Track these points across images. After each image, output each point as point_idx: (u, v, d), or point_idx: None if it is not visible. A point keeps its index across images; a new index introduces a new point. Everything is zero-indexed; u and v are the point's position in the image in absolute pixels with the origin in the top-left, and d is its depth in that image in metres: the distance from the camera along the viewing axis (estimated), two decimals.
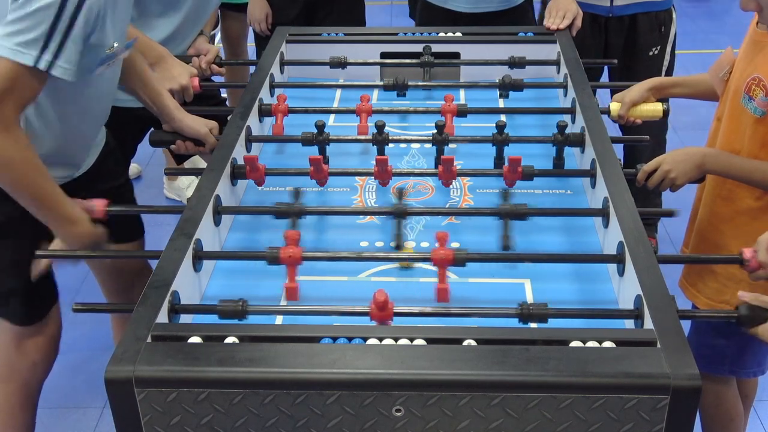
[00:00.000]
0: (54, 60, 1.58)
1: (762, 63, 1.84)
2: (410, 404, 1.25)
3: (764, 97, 1.81)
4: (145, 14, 2.36)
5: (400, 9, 5.88)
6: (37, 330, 2.04)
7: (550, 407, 1.25)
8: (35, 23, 1.55)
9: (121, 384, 1.26)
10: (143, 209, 2.19)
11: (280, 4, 3.33)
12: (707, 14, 3.26)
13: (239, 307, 1.46)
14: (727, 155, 1.92)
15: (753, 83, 1.85)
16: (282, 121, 2.18)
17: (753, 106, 1.85)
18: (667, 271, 1.50)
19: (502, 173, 1.88)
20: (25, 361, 2.06)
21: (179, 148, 2.15)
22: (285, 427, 1.28)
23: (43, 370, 2.11)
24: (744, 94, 1.87)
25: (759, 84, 1.83)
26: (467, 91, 2.48)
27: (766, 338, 1.41)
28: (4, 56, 1.56)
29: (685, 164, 1.91)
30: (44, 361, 2.10)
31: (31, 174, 1.68)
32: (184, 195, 3.72)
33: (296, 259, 1.56)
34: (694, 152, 1.93)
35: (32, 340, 2.05)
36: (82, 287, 3.10)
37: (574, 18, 2.63)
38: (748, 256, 1.55)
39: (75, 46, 1.61)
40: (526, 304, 1.45)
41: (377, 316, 1.44)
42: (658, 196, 3.27)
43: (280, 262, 1.57)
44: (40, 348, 2.07)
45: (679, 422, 1.24)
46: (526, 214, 1.72)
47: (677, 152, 1.95)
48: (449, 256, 1.55)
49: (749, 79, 1.86)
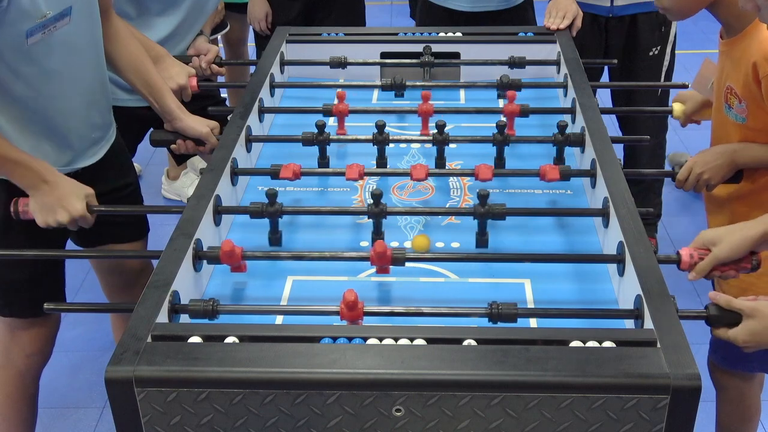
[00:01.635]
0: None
1: (730, 72, 1.87)
2: (410, 404, 1.25)
3: (739, 104, 1.84)
4: (144, 13, 2.36)
5: (400, 9, 5.89)
6: (33, 323, 2.05)
7: (550, 407, 1.25)
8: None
9: (121, 384, 1.26)
10: (143, 209, 2.19)
11: (280, 4, 3.33)
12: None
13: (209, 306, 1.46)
14: (754, 146, 1.91)
15: (728, 92, 1.88)
16: (344, 121, 2.17)
17: (734, 114, 1.88)
18: (667, 271, 1.50)
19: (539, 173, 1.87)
20: (20, 352, 2.08)
21: (180, 148, 2.15)
22: (285, 427, 1.28)
23: (38, 361, 2.12)
24: (725, 104, 1.90)
25: (732, 92, 1.86)
26: (467, 91, 2.48)
27: (738, 341, 1.41)
28: None
29: (716, 163, 1.91)
30: (39, 353, 2.11)
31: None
32: (185, 194, 3.72)
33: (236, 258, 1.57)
34: (723, 150, 1.94)
35: (27, 333, 2.06)
36: (82, 286, 3.10)
37: (574, 18, 2.63)
38: (686, 259, 1.54)
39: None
40: (496, 304, 1.45)
41: (347, 316, 1.44)
42: (658, 195, 3.27)
43: (221, 261, 1.58)
44: (34, 340, 2.08)
45: (679, 422, 1.24)
46: (503, 214, 1.72)
47: (706, 153, 1.96)
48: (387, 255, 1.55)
49: (725, 88, 1.88)
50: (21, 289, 1.98)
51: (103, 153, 2.04)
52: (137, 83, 2.07)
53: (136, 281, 2.21)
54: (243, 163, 1.98)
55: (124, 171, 2.18)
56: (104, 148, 2.04)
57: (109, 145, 2.06)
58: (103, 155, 2.03)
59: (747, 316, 1.40)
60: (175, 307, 1.45)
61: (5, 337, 2.07)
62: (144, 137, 2.50)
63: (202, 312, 1.46)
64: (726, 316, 1.43)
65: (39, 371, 2.15)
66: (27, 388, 2.13)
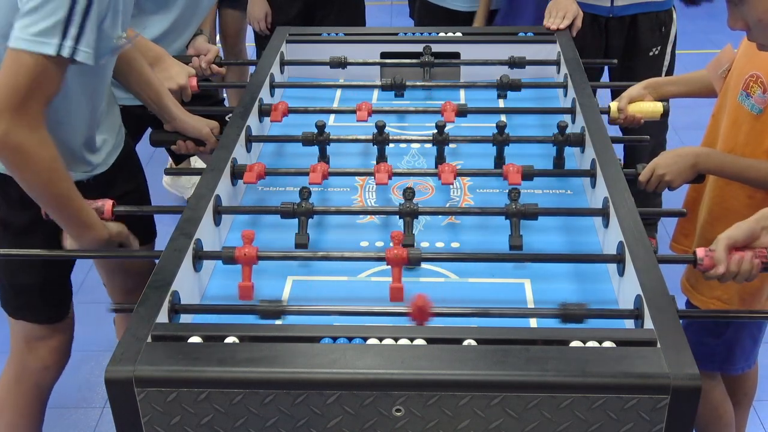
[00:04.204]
0: (76, 45, 1.52)
1: (761, 60, 1.85)
2: (410, 404, 1.25)
3: (762, 95, 1.82)
4: (138, 12, 2.36)
5: (400, 9, 5.89)
6: (50, 332, 2.05)
7: (550, 407, 1.25)
8: (52, 9, 1.49)
9: (121, 384, 1.25)
10: (145, 210, 2.19)
11: (280, 3, 3.34)
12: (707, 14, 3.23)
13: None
14: (720, 154, 1.92)
15: (751, 80, 1.86)
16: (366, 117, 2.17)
17: (750, 103, 1.86)
18: (667, 271, 1.50)
19: (502, 173, 1.88)
20: (38, 364, 2.07)
21: (180, 148, 2.15)
22: (285, 427, 1.28)
23: (54, 372, 2.12)
24: (742, 92, 1.88)
25: (757, 81, 1.84)
26: (467, 91, 2.48)
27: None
28: (24, 49, 1.50)
29: (677, 166, 1.91)
30: (56, 364, 2.10)
31: (54, 176, 1.64)
32: (187, 193, 3.71)
33: (251, 258, 1.57)
34: (686, 153, 1.94)
35: (45, 343, 2.05)
36: (82, 287, 3.10)
37: (574, 18, 2.63)
38: (701, 255, 1.54)
39: (93, 29, 1.55)
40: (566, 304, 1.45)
41: (418, 317, 1.44)
42: (658, 195, 3.27)
43: (236, 261, 1.57)
44: (53, 351, 2.07)
45: (679, 422, 1.24)
46: (536, 213, 1.72)
47: (668, 155, 1.95)
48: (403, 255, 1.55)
49: (747, 76, 1.87)
50: (35, 293, 1.98)
51: (114, 158, 2.02)
52: (134, 84, 2.06)
53: (141, 284, 2.20)
54: (243, 163, 1.97)
55: (135, 173, 2.18)
56: (115, 155, 2.02)
57: (120, 150, 2.05)
58: (115, 159, 2.02)
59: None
60: (175, 307, 1.45)
61: (21, 349, 2.05)
62: (142, 136, 2.50)
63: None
64: None
65: (53, 383, 2.14)
66: (40, 400, 2.13)
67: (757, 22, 1.65)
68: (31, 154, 1.58)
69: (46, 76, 1.54)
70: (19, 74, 1.51)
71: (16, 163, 1.60)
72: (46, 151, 1.61)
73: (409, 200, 1.75)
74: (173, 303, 1.45)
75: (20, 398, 2.08)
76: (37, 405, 2.12)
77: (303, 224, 1.73)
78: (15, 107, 1.52)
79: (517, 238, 1.70)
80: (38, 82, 1.53)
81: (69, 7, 1.50)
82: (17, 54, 1.51)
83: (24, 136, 1.55)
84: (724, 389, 2.15)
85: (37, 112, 1.56)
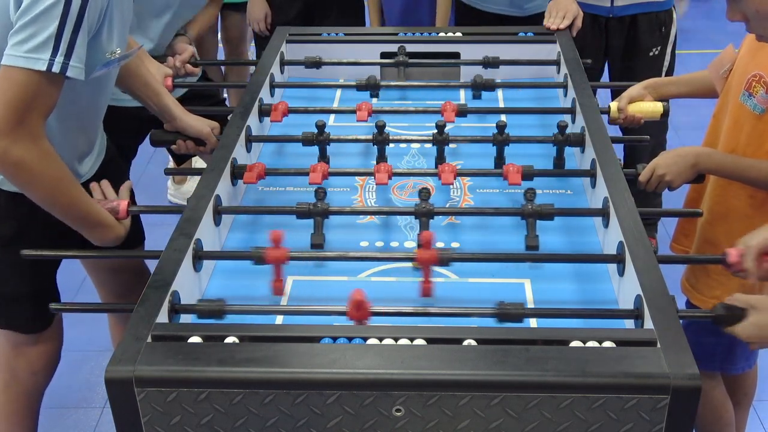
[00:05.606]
0: (67, 61, 1.55)
1: (764, 60, 1.85)
2: (410, 404, 1.25)
3: (765, 94, 1.82)
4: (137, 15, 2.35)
5: None
6: (38, 338, 2.04)
7: (550, 407, 1.25)
8: (43, 26, 1.52)
9: (121, 384, 1.26)
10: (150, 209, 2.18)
11: (280, 4, 3.34)
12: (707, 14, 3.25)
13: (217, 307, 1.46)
14: (720, 154, 1.92)
15: (754, 80, 1.86)
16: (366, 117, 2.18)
17: (753, 103, 1.86)
18: (667, 271, 1.50)
19: (502, 173, 1.88)
20: (27, 370, 2.05)
21: (180, 148, 2.15)
22: (285, 427, 1.28)
23: (44, 378, 2.10)
24: (744, 91, 1.88)
25: (760, 81, 1.84)
26: (467, 91, 2.48)
27: (743, 336, 1.41)
28: (16, 66, 1.53)
29: (677, 166, 1.91)
30: (45, 370, 2.09)
31: (61, 186, 1.66)
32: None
33: (282, 259, 1.57)
34: (686, 153, 1.93)
35: (34, 349, 2.04)
36: (82, 287, 3.10)
37: (574, 18, 2.63)
38: (734, 258, 1.54)
39: (83, 44, 1.57)
40: (503, 304, 1.45)
41: (355, 316, 1.44)
42: (658, 195, 3.27)
43: (267, 262, 1.57)
44: (41, 356, 2.06)
45: (679, 422, 1.24)
46: (551, 214, 1.72)
47: (669, 154, 1.95)
48: (433, 257, 1.56)
49: (750, 76, 1.86)
50: (23, 302, 1.96)
51: (97, 166, 2.00)
52: (133, 85, 2.05)
53: (133, 287, 2.19)
54: (243, 163, 1.97)
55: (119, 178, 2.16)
56: (98, 163, 2.01)
57: (102, 158, 2.04)
58: (97, 168, 2.01)
59: (753, 309, 1.40)
60: (175, 307, 1.45)
61: (8, 354, 2.04)
62: (144, 137, 2.50)
63: (208, 312, 1.46)
64: (731, 315, 1.42)
65: (44, 388, 2.13)
66: (31, 405, 2.11)
67: (755, 13, 1.66)
68: (34, 168, 1.60)
69: (40, 91, 1.56)
70: (13, 91, 1.54)
71: (21, 178, 1.63)
72: (49, 163, 1.62)
73: (425, 200, 1.75)
74: (173, 303, 1.45)
75: (9, 405, 2.07)
76: (28, 411, 2.10)
77: (319, 224, 1.74)
78: (11, 124, 1.54)
79: (533, 238, 1.71)
80: (33, 98, 1.55)
81: (59, 23, 1.53)
82: (9, 71, 1.54)
83: (23, 152, 1.57)
84: (725, 389, 2.15)
85: (36, 126, 1.58)
